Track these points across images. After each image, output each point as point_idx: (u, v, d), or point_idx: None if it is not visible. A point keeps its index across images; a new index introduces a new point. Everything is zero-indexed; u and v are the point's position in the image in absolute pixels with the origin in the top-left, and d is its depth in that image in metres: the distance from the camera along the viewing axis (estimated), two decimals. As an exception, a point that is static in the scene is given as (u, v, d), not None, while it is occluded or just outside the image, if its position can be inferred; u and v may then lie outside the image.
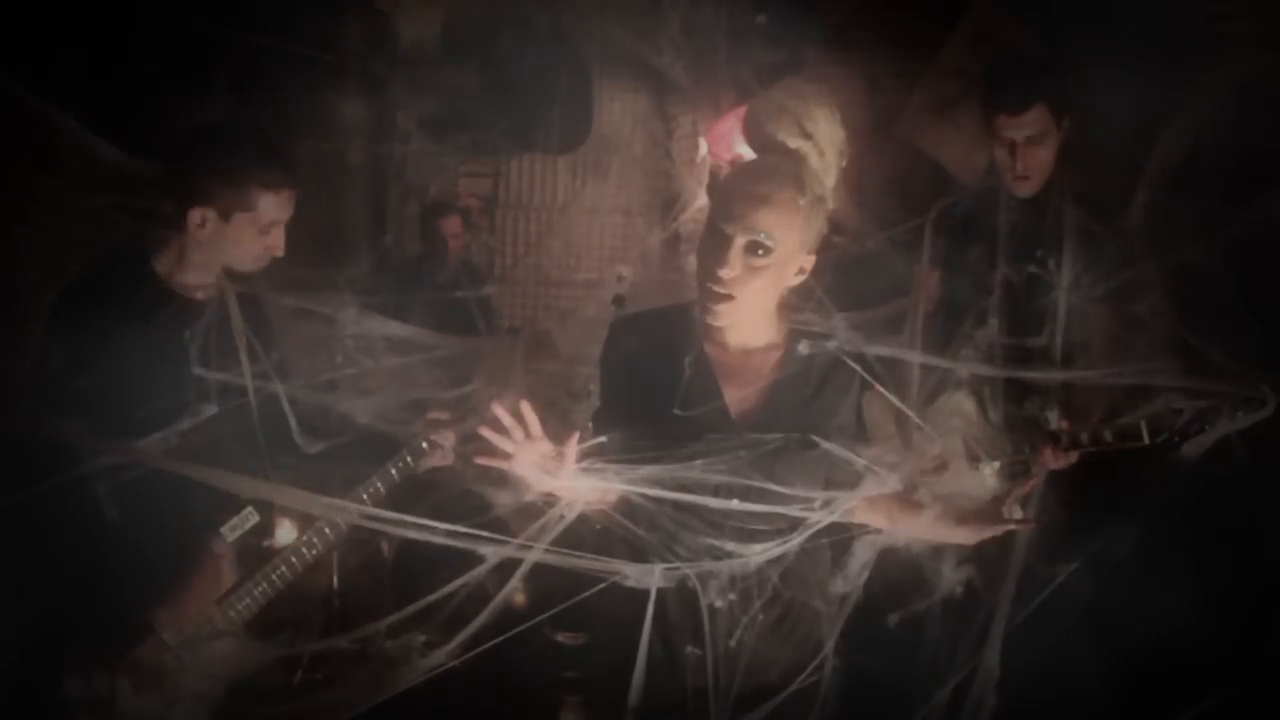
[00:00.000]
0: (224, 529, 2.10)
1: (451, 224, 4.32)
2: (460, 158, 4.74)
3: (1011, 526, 1.80)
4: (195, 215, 2.04)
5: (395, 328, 2.38)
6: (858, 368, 1.76)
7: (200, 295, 2.13)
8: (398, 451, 2.25)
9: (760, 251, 1.65)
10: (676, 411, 1.72)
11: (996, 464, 2.37)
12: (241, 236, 2.07)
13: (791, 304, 1.80)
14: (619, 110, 4.51)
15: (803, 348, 1.75)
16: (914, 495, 1.93)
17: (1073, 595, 2.30)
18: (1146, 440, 2.10)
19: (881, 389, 1.80)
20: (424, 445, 2.27)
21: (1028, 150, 2.48)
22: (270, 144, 2.14)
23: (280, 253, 2.11)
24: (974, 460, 2.37)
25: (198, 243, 2.07)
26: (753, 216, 1.64)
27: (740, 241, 1.65)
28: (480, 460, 1.66)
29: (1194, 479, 2.23)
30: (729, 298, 1.67)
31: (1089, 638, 2.43)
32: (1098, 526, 2.47)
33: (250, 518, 2.11)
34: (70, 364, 1.98)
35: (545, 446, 1.63)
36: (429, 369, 2.35)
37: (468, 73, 4.31)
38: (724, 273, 1.65)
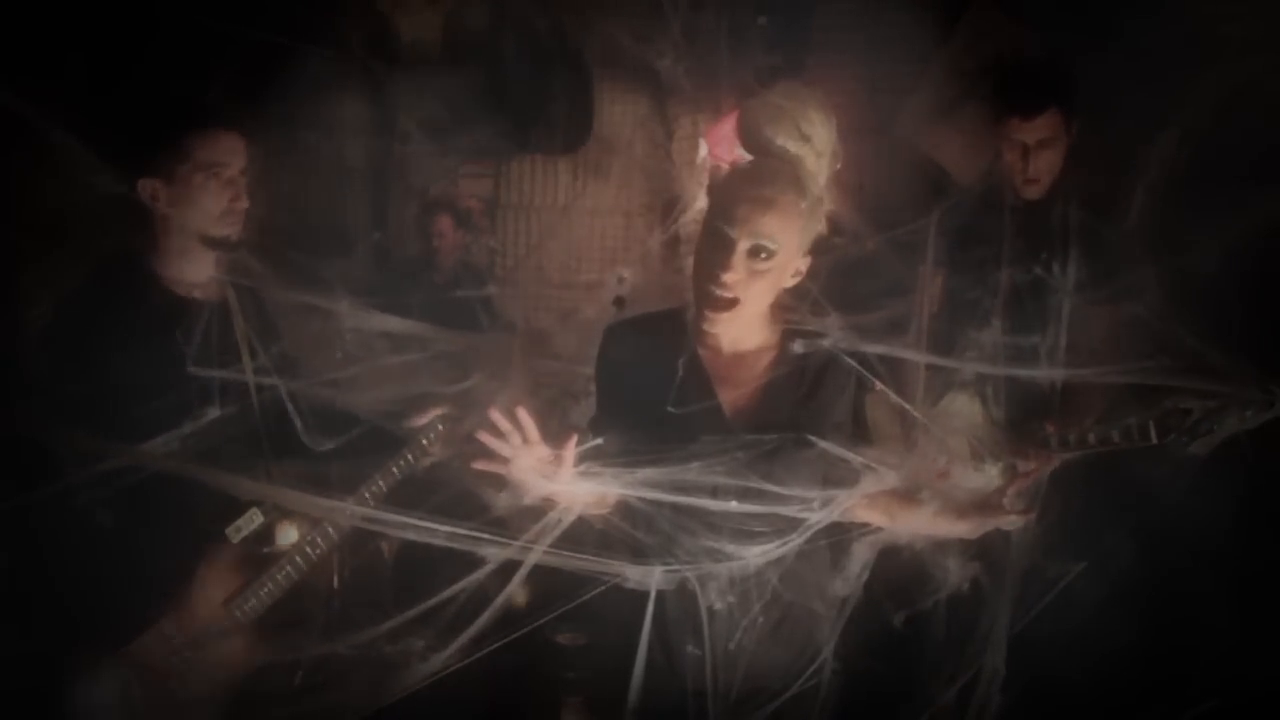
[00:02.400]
0: (229, 530, 2.10)
1: (441, 223, 4.30)
2: (461, 158, 4.73)
3: (1012, 519, 1.80)
4: (145, 188, 2.03)
5: (395, 323, 2.37)
6: (856, 366, 1.76)
7: (199, 295, 2.12)
8: (400, 448, 2.24)
9: (763, 255, 1.65)
10: (671, 410, 1.71)
11: (1000, 465, 2.36)
12: (193, 194, 2.04)
13: (786, 305, 1.80)
14: (620, 112, 4.50)
15: (797, 347, 1.75)
16: (914, 493, 1.93)
17: (1078, 595, 2.29)
18: (1155, 440, 2.09)
19: (883, 387, 1.79)
20: (424, 442, 2.26)
21: (1039, 154, 2.49)
22: (180, 94, 2.14)
23: (243, 204, 2.08)
24: (978, 461, 2.36)
25: (164, 220, 2.06)
26: (756, 220, 1.63)
27: (744, 245, 1.64)
28: (478, 465, 1.66)
29: (1199, 479, 2.23)
30: (732, 301, 1.67)
31: (1094, 637, 2.42)
32: (1103, 526, 2.46)
33: (255, 518, 2.12)
34: (70, 369, 1.98)
35: (542, 451, 1.63)
36: (428, 364, 2.34)
37: (468, 73, 4.30)
38: (727, 276, 1.65)
